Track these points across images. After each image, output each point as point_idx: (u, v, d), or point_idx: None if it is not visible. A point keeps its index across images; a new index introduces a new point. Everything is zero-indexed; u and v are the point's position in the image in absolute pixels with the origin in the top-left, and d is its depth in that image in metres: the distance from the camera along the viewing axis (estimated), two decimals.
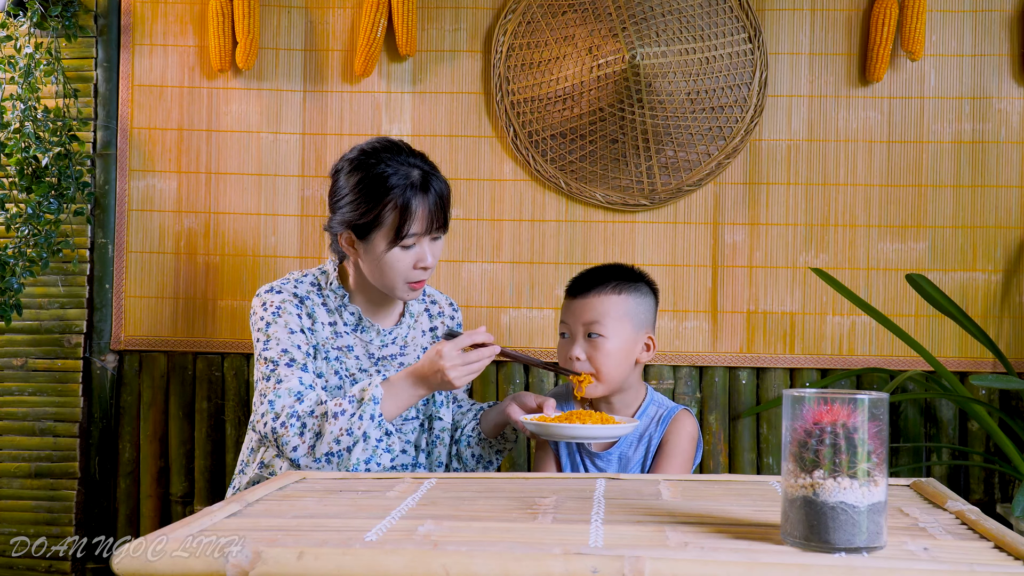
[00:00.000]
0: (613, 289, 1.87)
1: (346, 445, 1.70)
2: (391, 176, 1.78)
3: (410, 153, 1.85)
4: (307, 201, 2.54)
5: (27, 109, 2.37)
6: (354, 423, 1.70)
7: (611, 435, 1.72)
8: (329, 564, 0.97)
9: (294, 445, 1.72)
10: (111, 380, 2.55)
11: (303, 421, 1.73)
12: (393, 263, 1.80)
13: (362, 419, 1.71)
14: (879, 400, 1.02)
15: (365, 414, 1.71)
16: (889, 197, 2.47)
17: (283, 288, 1.87)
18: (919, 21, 2.38)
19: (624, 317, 1.87)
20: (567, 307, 1.91)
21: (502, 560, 0.96)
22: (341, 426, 1.70)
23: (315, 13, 2.54)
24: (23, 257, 2.34)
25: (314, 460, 1.72)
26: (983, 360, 2.44)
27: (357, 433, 1.70)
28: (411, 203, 1.77)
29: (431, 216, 1.80)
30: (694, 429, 1.91)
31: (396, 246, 1.79)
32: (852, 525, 0.99)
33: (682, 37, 2.39)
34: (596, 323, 1.85)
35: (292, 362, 1.80)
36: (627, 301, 1.88)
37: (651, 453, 1.89)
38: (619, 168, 2.46)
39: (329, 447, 1.70)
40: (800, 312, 2.48)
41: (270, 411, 1.75)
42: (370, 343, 1.91)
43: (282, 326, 1.82)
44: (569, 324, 1.89)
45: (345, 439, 1.70)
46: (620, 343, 1.86)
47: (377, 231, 1.79)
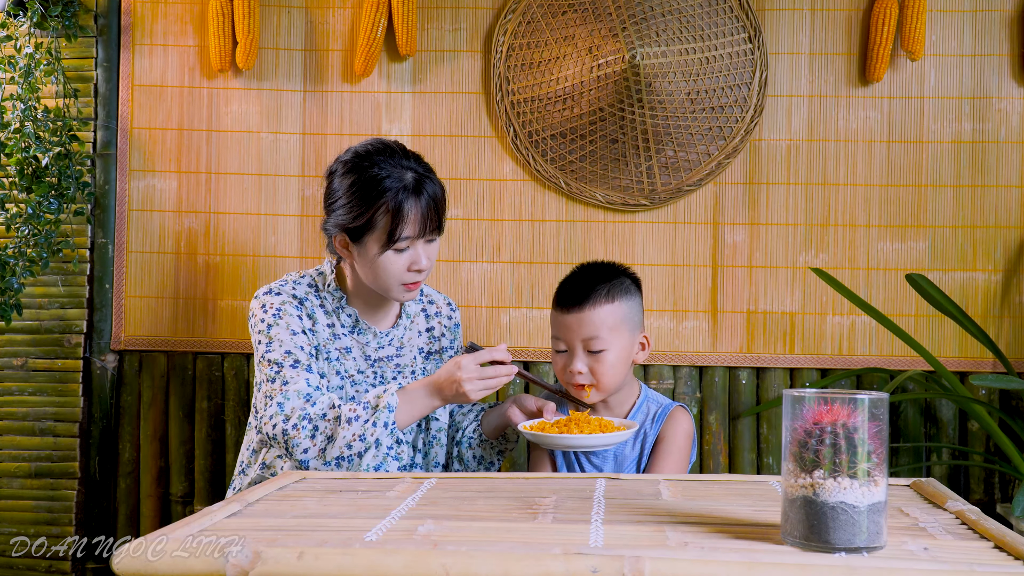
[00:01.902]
0: (606, 298, 1.84)
1: (358, 451, 1.71)
2: (384, 179, 1.78)
3: (404, 155, 1.84)
4: (307, 201, 2.53)
5: (27, 109, 2.37)
6: (367, 429, 1.71)
7: (608, 443, 1.72)
8: (329, 564, 0.97)
9: (305, 447, 1.72)
10: (111, 380, 2.55)
11: (315, 424, 1.73)
12: (387, 266, 1.80)
13: (375, 426, 1.71)
14: (879, 400, 1.02)
15: (379, 422, 1.71)
16: (889, 197, 2.47)
17: (282, 290, 1.87)
18: (919, 21, 2.38)
19: (621, 325, 1.85)
20: (561, 322, 1.86)
21: (502, 560, 0.96)
22: (355, 431, 1.71)
23: (315, 13, 2.54)
24: (23, 257, 2.34)
25: (323, 463, 1.72)
26: (983, 360, 2.43)
27: (370, 440, 1.71)
28: (403, 206, 1.77)
29: (424, 219, 1.79)
30: (690, 426, 1.90)
31: (389, 249, 1.78)
32: (852, 525, 0.99)
33: (682, 37, 2.39)
34: (596, 338, 1.83)
35: (297, 363, 1.79)
36: (620, 308, 1.85)
37: (647, 450, 1.89)
38: (619, 168, 2.46)
39: (341, 451, 1.71)
40: (800, 312, 2.48)
41: (279, 413, 1.74)
42: (367, 345, 1.91)
43: (284, 327, 1.82)
44: (566, 339, 1.86)
45: (357, 444, 1.71)
46: (620, 351, 1.85)
47: (370, 234, 1.79)
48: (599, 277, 1.87)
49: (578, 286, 1.86)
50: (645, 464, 1.88)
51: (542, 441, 1.73)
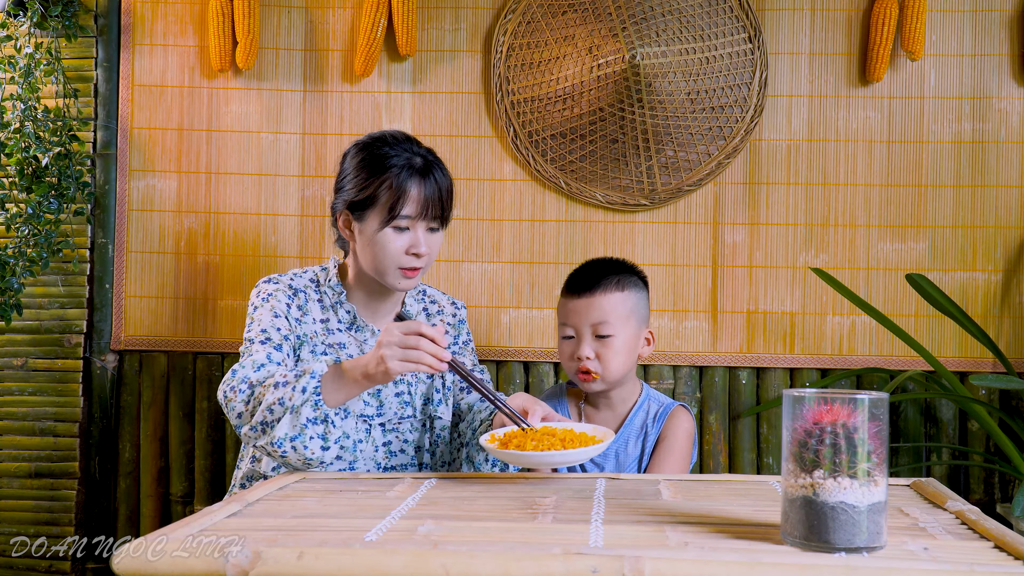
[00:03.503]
0: (616, 285, 1.87)
1: (277, 416, 1.64)
2: (392, 156, 1.81)
3: (418, 145, 1.87)
4: (307, 201, 2.53)
5: (27, 109, 2.37)
6: (286, 393, 1.64)
7: (571, 460, 1.51)
8: (329, 564, 0.97)
9: (239, 412, 1.68)
10: (111, 380, 2.55)
11: (253, 389, 1.69)
12: (385, 243, 1.80)
13: (295, 390, 1.64)
14: (879, 400, 1.02)
15: (298, 386, 1.64)
16: (889, 197, 2.47)
17: (279, 279, 1.90)
18: (919, 21, 2.38)
19: (630, 314, 1.87)
20: (570, 307, 1.89)
21: (502, 560, 0.96)
22: (278, 395, 1.64)
23: (315, 13, 2.54)
24: (23, 257, 2.34)
25: (251, 429, 1.66)
26: (983, 360, 2.43)
27: (287, 403, 1.63)
28: (407, 183, 1.78)
29: (427, 202, 1.80)
30: (691, 425, 1.91)
31: (388, 226, 1.79)
32: (852, 525, 0.99)
33: (682, 37, 2.39)
34: (604, 323, 1.85)
35: (267, 340, 1.79)
36: (631, 297, 1.88)
37: (648, 449, 1.89)
38: (619, 168, 2.46)
39: (263, 416, 1.65)
40: (800, 312, 2.47)
41: (230, 380, 1.72)
42: (364, 343, 1.91)
43: (267, 310, 1.83)
44: (574, 324, 1.88)
45: (277, 409, 1.64)
46: (627, 340, 1.87)
47: (372, 209, 1.80)
48: (610, 268, 1.91)
49: (589, 274, 1.90)
50: (646, 463, 1.88)
51: (504, 458, 1.54)
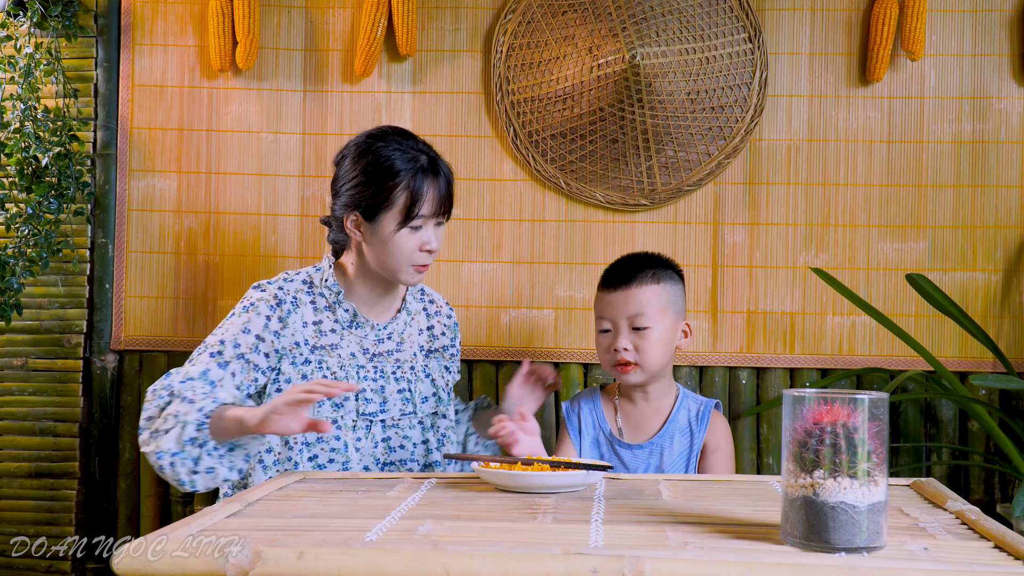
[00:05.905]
0: (652, 278, 1.90)
1: (169, 426, 1.63)
2: (402, 158, 1.82)
3: (415, 140, 1.89)
4: (307, 201, 2.54)
5: (27, 109, 2.37)
6: (185, 408, 1.63)
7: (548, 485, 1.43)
8: (329, 564, 0.97)
9: (149, 415, 1.68)
10: (111, 380, 2.55)
11: (168, 400, 1.68)
12: (401, 244, 1.82)
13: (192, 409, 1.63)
14: (879, 400, 1.02)
15: (196, 406, 1.63)
16: (889, 197, 2.47)
17: (267, 287, 1.89)
18: (919, 21, 2.38)
19: (667, 306, 1.90)
20: (608, 301, 1.92)
21: (502, 560, 0.96)
22: (179, 409, 1.64)
23: (315, 13, 2.54)
24: (23, 257, 2.34)
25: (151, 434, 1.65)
26: (983, 360, 2.43)
27: (181, 418, 1.63)
28: (422, 184, 1.81)
29: (440, 199, 1.84)
30: (728, 426, 1.99)
31: (405, 227, 1.81)
32: (852, 525, 0.99)
33: (682, 37, 2.39)
34: (641, 315, 1.88)
35: (218, 354, 1.78)
36: (667, 290, 1.91)
37: (695, 448, 1.92)
38: (619, 168, 2.46)
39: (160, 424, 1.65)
40: (800, 312, 2.48)
41: (162, 379, 1.72)
42: (364, 338, 1.92)
43: (240, 322, 1.83)
44: (611, 318, 1.91)
45: (171, 420, 1.64)
46: (664, 332, 1.90)
47: (387, 212, 1.82)
48: (645, 262, 1.94)
49: (625, 267, 1.93)
50: (694, 461, 1.92)
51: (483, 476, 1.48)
